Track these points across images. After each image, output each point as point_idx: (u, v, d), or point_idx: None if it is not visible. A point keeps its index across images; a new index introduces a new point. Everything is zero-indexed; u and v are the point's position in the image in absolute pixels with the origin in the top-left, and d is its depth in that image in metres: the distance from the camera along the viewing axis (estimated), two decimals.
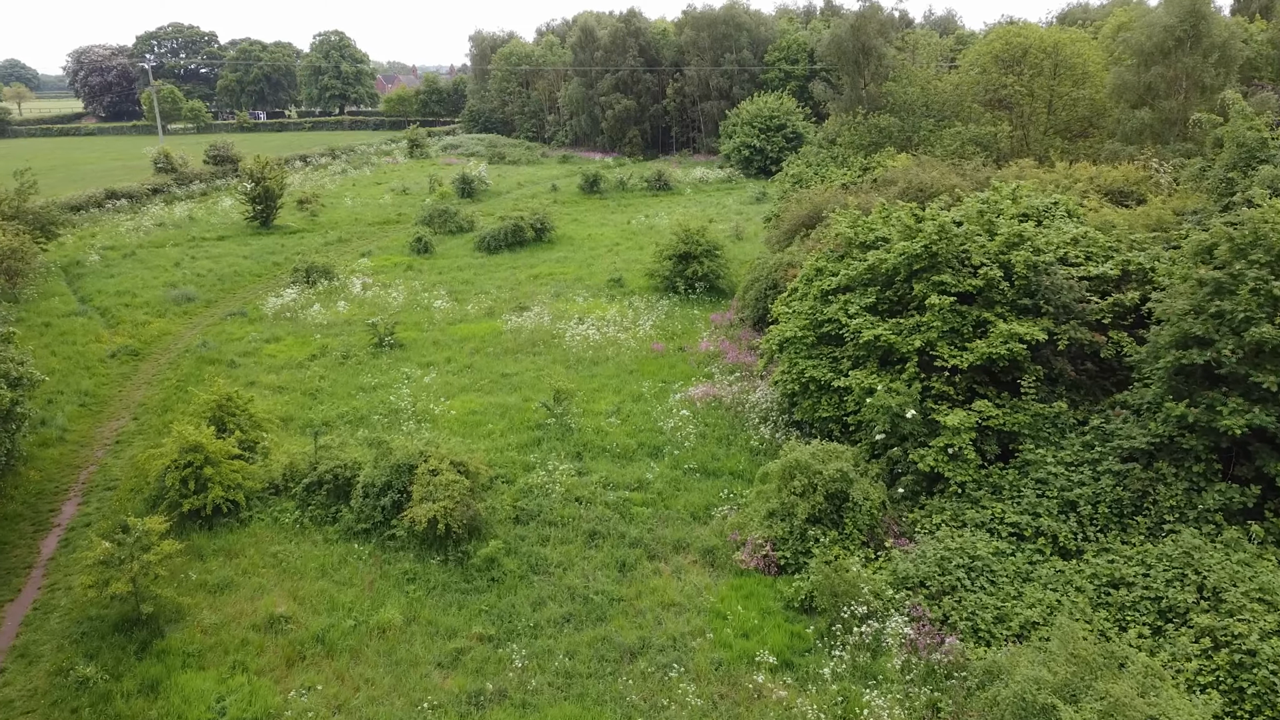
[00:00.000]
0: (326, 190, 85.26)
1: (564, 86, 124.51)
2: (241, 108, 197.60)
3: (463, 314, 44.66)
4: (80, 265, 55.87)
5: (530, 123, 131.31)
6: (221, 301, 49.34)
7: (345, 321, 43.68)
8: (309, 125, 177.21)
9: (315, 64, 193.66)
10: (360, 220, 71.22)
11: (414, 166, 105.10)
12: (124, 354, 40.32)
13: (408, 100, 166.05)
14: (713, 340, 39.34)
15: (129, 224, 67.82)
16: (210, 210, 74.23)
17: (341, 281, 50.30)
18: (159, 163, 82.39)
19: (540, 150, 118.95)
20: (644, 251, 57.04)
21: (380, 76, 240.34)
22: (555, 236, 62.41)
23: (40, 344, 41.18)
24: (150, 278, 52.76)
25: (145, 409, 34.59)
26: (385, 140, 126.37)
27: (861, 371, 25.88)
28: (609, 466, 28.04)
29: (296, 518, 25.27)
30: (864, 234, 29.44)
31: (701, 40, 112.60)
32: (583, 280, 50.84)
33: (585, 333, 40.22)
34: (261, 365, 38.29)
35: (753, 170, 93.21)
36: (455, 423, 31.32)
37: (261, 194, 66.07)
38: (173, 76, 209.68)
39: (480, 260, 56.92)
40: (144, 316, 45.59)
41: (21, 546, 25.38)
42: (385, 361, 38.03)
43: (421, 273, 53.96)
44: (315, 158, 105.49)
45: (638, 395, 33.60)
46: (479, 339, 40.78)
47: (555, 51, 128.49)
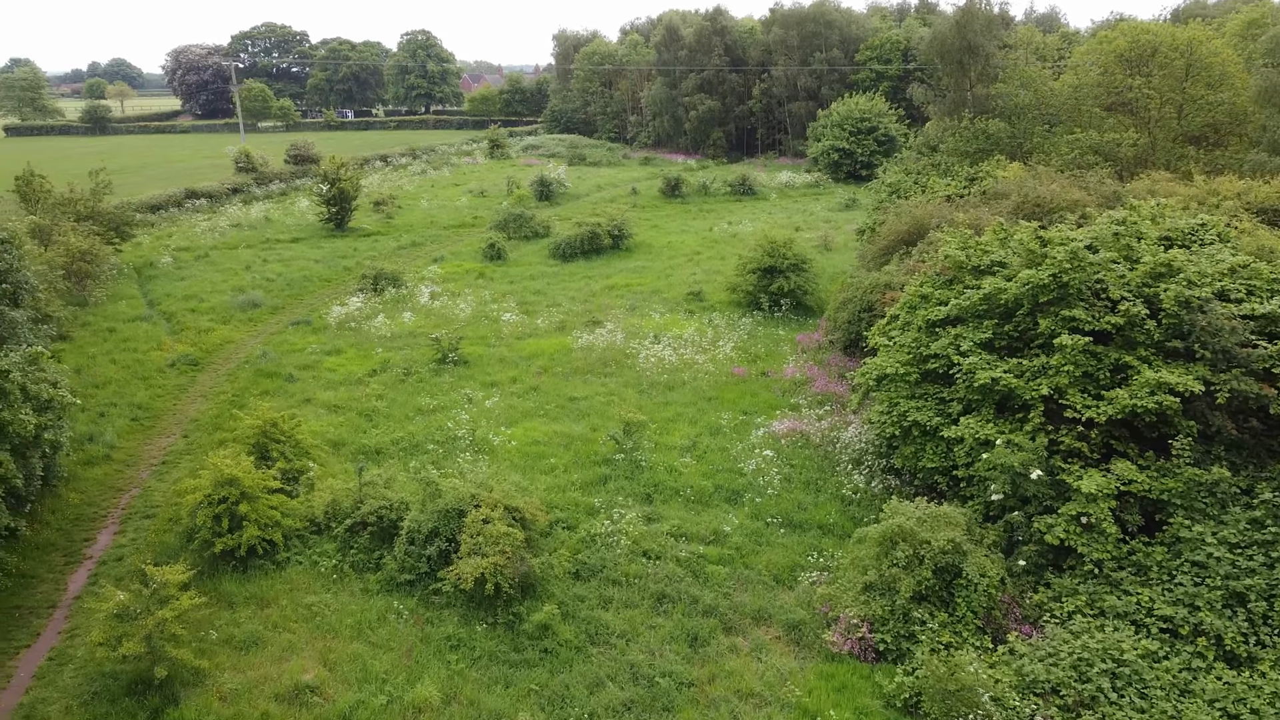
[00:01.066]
0: (404, 191, 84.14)
1: (647, 86, 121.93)
2: (330, 106, 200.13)
3: (532, 328, 42.20)
4: (153, 267, 55.24)
5: (612, 123, 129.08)
6: (288, 308, 47.87)
7: (409, 334, 41.62)
8: (394, 124, 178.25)
9: (402, 63, 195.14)
10: (435, 223, 69.61)
11: (493, 167, 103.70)
12: (183, 363, 38.90)
13: (491, 100, 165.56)
14: (799, 365, 36.06)
15: (205, 224, 67.40)
16: (287, 211, 73.56)
17: (409, 289, 48.38)
18: (239, 162, 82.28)
19: (621, 151, 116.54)
20: (725, 262, 53.93)
21: (466, 75, 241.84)
22: (633, 244, 59.71)
23: (101, 350, 40.10)
24: (219, 281, 51.70)
25: (197, 426, 32.89)
26: (466, 140, 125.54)
27: (975, 419, 22.44)
28: (682, 513, 25.10)
29: (336, 563, 22.94)
30: (977, 257, 25.93)
31: (789, 39, 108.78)
32: (660, 293, 47.98)
33: (660, 353, 37.35)
34: (319, 380, 36.37)
35: (841, 175, 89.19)
36: (515, 454, 28.75)
37: (336, 196, 64.88)
38: (265, 75, 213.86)
39: (554, 269, 54.51)
40: (208, 323, 44.29)
41: (49, 581, 23.61)
42: (447, 380, 35.74)
43: (492, 281, 51.78)
44: (395, 158, 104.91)
45: (715, 428, 30.58)
46: (547, 357, 38.25)
47: (639, 51, 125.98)
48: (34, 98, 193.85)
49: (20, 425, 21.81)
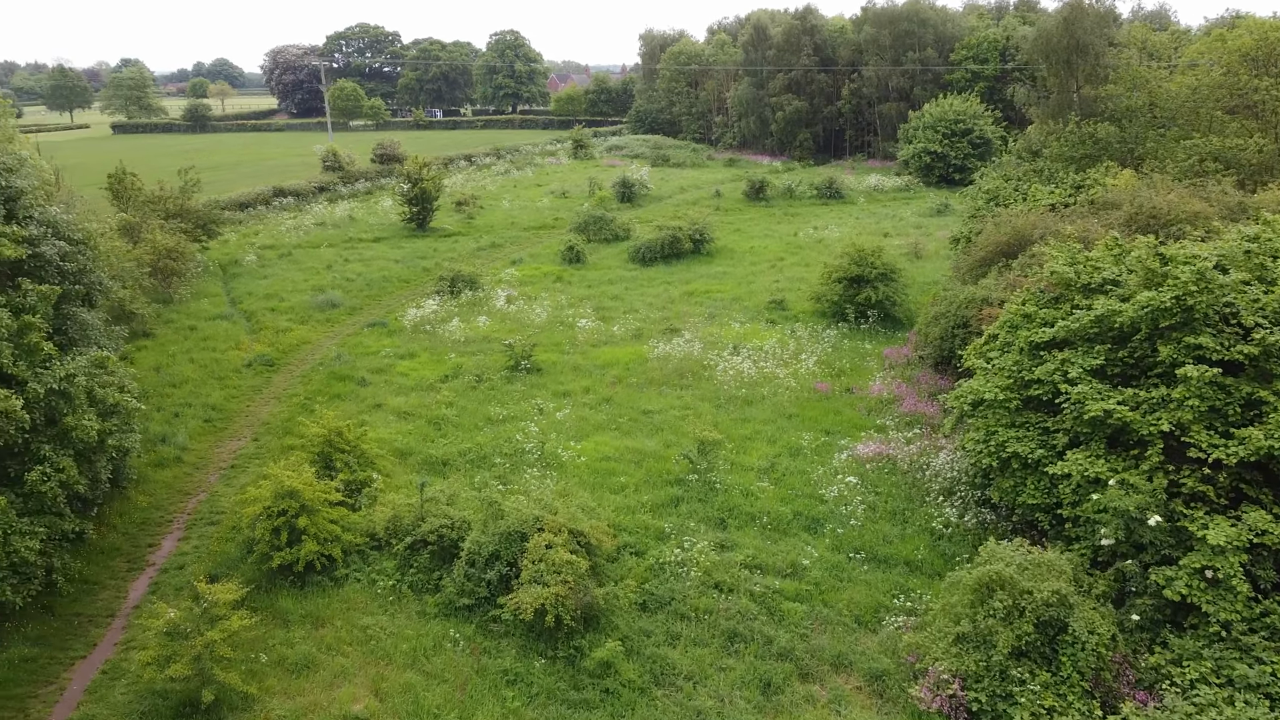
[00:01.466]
0: (486, 191, 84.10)
1: (733, 87, 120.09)
2: (419, 106, 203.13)
3: (607, 335, 41.06)
4: (238, 265, 55.85)
5: (697, 124, 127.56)
6: (365, 309, 47.69)
7: (484, 338, 40.88)
8: (480, 124, 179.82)
9: (490, 63, 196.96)
10: (515, 224, 69.16)
11: (576, 168, 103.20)
12: (259, 364, 38.84)
13: (576, 100, 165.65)
14: (886, 382, 34.12)
15: (291, 222, 68.18)
16: (371, 210, 74.04)
17: (486, 292, 47.73)
18: (327, 161, 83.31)
19: (705, 153, 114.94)
20: (810, 269, 52.04)
21: (554, 75, 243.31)
22: (714, 248, 58.18)
23: (181, 349, 40.36)
24: (301, 280, 51.91)
25: (268, 429, 32.60)
26: (550, 140, 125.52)
27: (1082, 453, 20.41)
28: (757, 541, 23.58)
29: (394, 583, 22.06)
30: (1088, 274, 23.79)
31: (881, 38, 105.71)
32: (740, 301, 46.37)
33: (739, 365, 35.80)
34: (391, 385, 35.82)
35: (933, 179, 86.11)
36: (584, 470, 27.58)
37: (418, 195, 64.88)
38: (358, 75, 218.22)
39: (632, 273, 53.33)
40: (286, 323, 44.33)
41: (110, 588, 23.31)
42: (519, 388, 34.81)
43: (570, 285, 50.85)
44: (480, 157, 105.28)
45: (795, 449, 28.92)
46: (622, 366, 37.05)
47: (726, 50, 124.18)
48: (140, 96, 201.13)
49: (83, 431, 21.46)
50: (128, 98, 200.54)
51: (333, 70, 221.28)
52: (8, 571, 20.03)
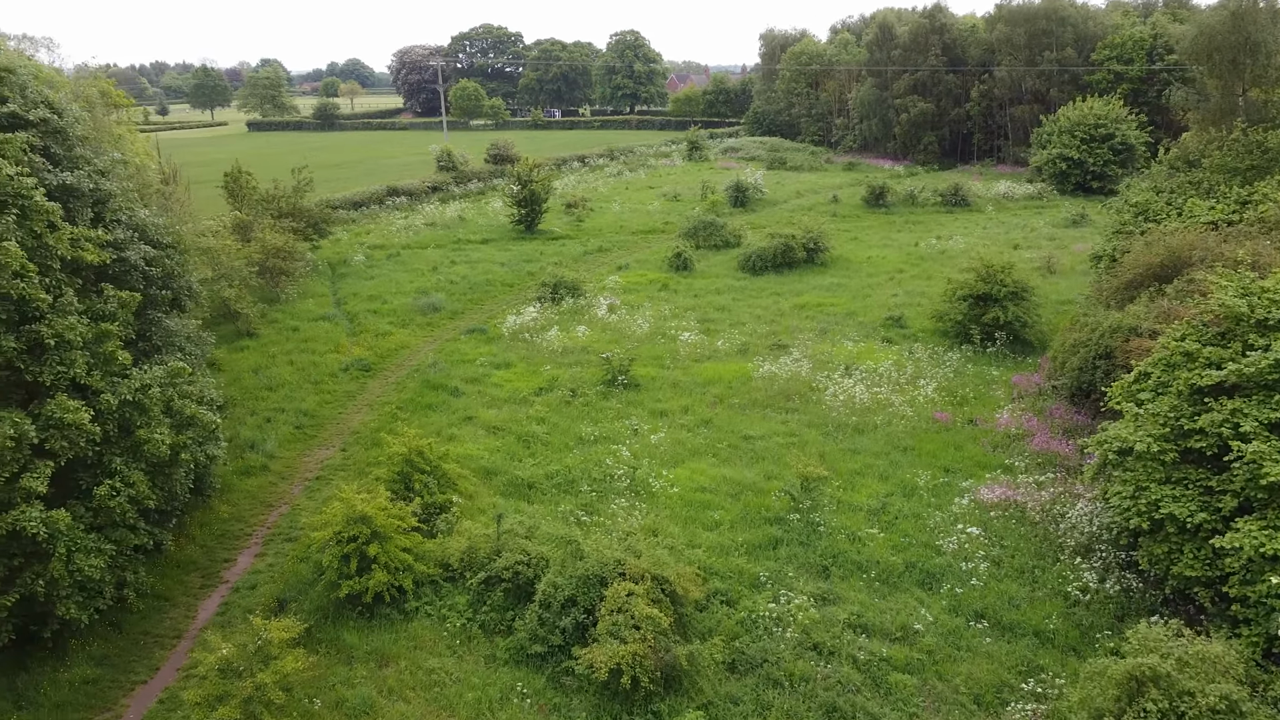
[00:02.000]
0: (597, 193, 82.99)
1: (855, 88, 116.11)
2: (538, 105, 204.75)
3: (711, 350, 38.96)
4: (346, 264, 56.00)
5: (816, 126, 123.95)
6: (466, 313, 46.87)
7: (582, 349, 39.35)
8: (598, 124, 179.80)
9: (610, 63, 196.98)
10: (624, 228, 67.68)
11: (689, 170, 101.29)
12: (356, 369, 38.26)
13: (694, 100, 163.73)
14: (1014, 414, 30.98)
15: (402, 222, 68.41)
16: (481, 211, 73.81)
17: (588, 300, 46.25)
18: (441, 161, 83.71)
19: (824, 155, 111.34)
20: (932, 283, 48.75)
21: (673, 76, 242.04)
22: (829, 258, 55.33)
23: (282, 350, 40.18)
24: (405, 281, 51.57)
25: (356, 439, 31.76)
26: (666, 141, 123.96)
27: (1257, 524, 17.33)
28: (863, 596, 21.15)
29: (465, 621, 20.55)
30: (1264, 309, 20.48)
31: (1016, 37, 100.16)
32: (855, 316, 43.57)
33: (851, 389, 33.20)
34: (484, 397, 34.59)
35: (1069, 186, 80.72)
36: (677, 502, 25.61)
37: (527, 198, 64.10)
38: (480, 75, 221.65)
39: (741, 282, 51.04)
40: (387, 326, 43.82)
41: (182, 605, 22.58)
42: (614, 405, 33.08)
43: (675, 294, 48.93)
44: (593, 158, 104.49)
45: (910, 488, 26.27)
46: (724, 384, 34.91)
47: (849, 50, 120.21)
48: (274, 95, 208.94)
49: (154, 445, 20.67)
50: (263, 96, 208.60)
51: (456, 70, 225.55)
52: (73, 589, 19.36)
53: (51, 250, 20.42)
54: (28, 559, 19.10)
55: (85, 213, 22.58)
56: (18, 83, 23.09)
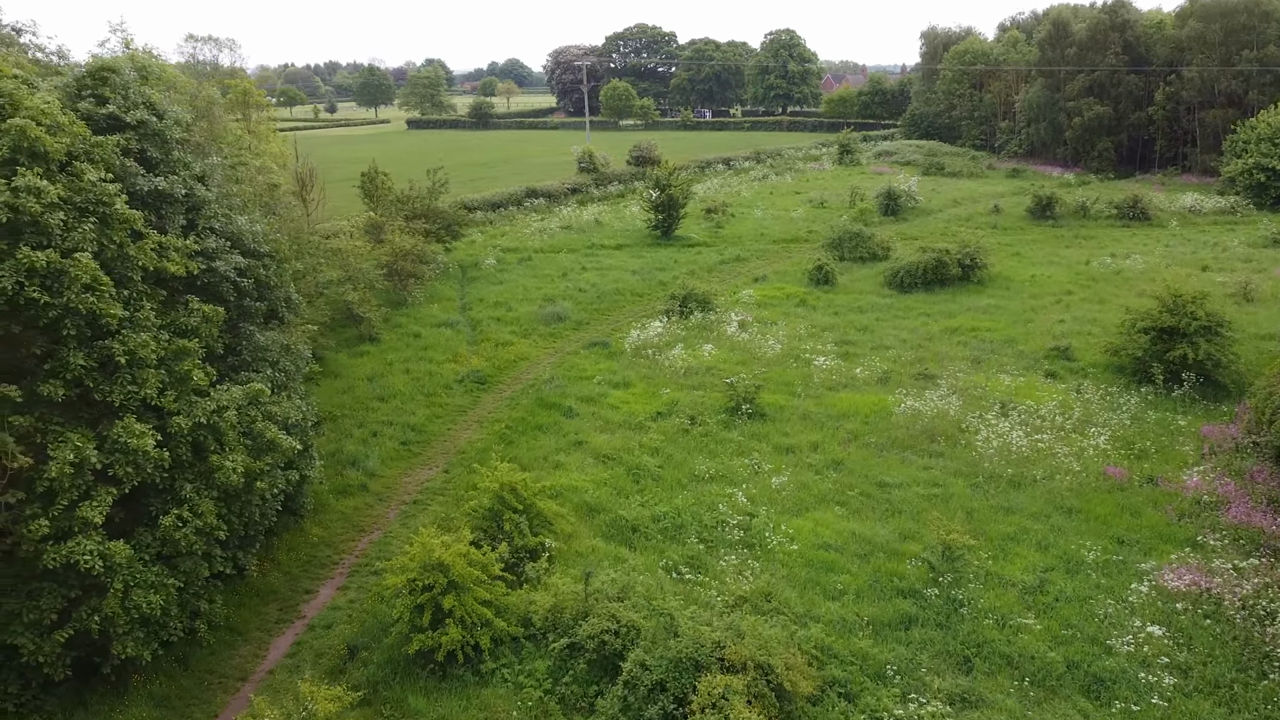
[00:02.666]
0: (739, 198, 79.87)
1: (1023, 89, 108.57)
2: (689, 106, 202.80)
3: (848, 378, 35.48)
4: (477, 267, 55.08)
5: (978, 129, 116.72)
6: (591, 324, 44.86)
7: (707, 370, 36.60)
8: (748, 125, 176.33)
9: (763, 63, 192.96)
10: (764, 236, 64.41)
11: (839, 175, 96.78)
12: (470, 381, 36.78)
13: (849, 101, 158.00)
14: (1206, 476, 26.32)
15: (538, 225, 67.31)
16: (618, 214, 72.02)
17: (718, 315, 43.40)
18: (582, 162, 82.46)
19: (985, 161, 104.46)
20: (1105, 308, 43.58)
21: (829, 75, 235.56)
22: (987, 275, 50.55)
23: (399, 358, 39.15)
24: (533, 288, 50.10)
25: (461, 459, 30.05)
26: (816, 144, 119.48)
27: None
28: (1013, 702, 17.59)
29: (543, 693, 18.19)
30: None
31: (1210, 34, 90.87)
32: (1014, 344, 39.10)
33: (1007, 433, 29.19)
34: (598, 419, 32.34)
35: (1267, 200, 72.23)
36: (796, 561, 22.54)
37: (664, 202, 61.76)
38: (632, 75, 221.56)
39: (887, 300, 47.06)
40: (509, 335, 42.29)
41: (254, 641, 21.18)
42: (736, 437, 30.18)
43: (814, 310, 45.49)
44: (739, 161, 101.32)
45: (1074, 562, 22.33)
46: (861, 418, 31.45)
47: (1018, 49, 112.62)
48: (433, 94, 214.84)
49: (225, 474, 19.23)
50: (422, 95, 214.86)
51: (609, 70, 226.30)
52: (132, 625, 18.08)
53: (133, 261, 19.27)
54: (86, 591, 17.94)
55: (177, 220, 21.47)
56: (121, 83, 22.21)
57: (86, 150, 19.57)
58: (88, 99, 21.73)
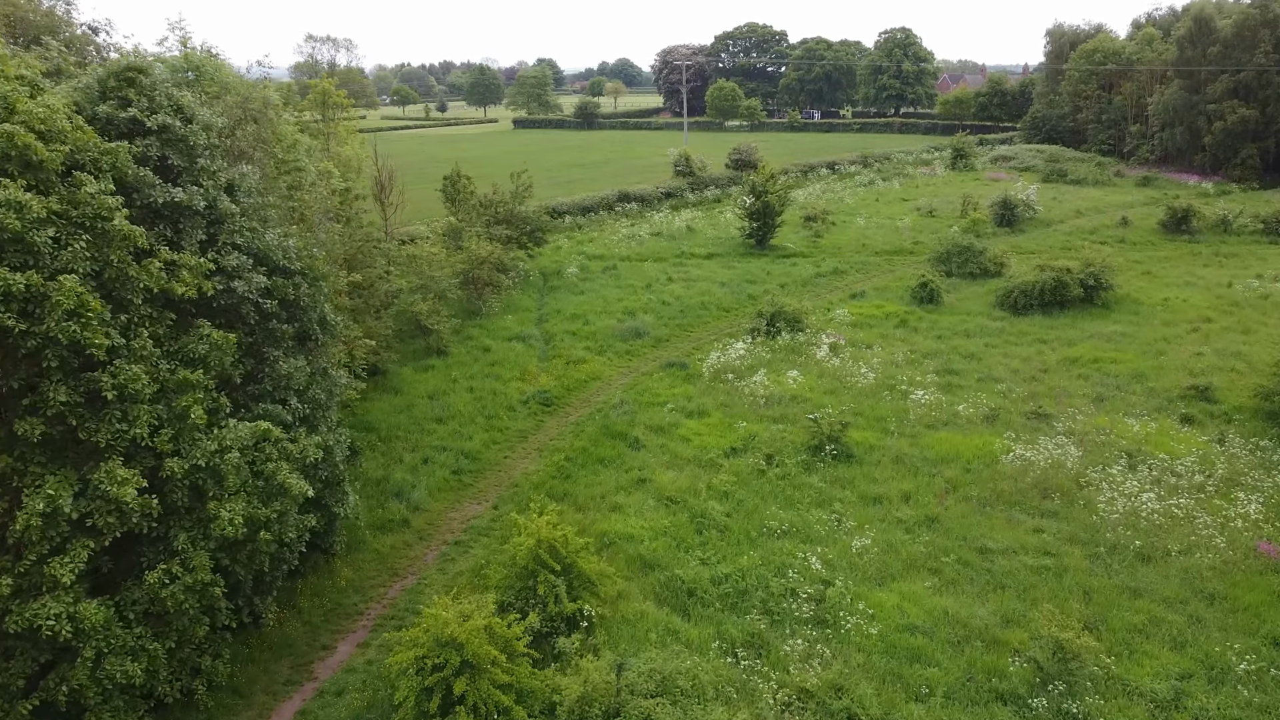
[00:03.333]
0: (842, 205, 75.80)
1: (1158, 90, 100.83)
2: (797, 107, 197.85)
3: (949, 414, 31.70)
4: (559, 276, 52.88)
5: (1105, 134, 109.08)
6: (671, 341, 42.04)
7: (791, 399, 33.36)
8: (858, 127, 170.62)
9: (876, 62, 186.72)
10: (866, 247, 60.40)
11: (951, 180, 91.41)
12: (536, 402, 34.41)
13: (965, 103, 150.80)
14: None
15: (627, 231, 64.81)
16: (712, 221, 68.95)
17: (808, 336, 39.99)
18: (678, 165, 79.61)
19: (1113, 168, 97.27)
20: (1252, 340, 38.52)
21: (946, 76, 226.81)
22: (1113, 297, 45.64)
23: (465, 374, 37.07)
24: (614, 299, 47.57)
25: (514, 494, 27.62)
26: (928, 148, 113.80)
27: None
28: None
29: None
30: None
31: None
32: (1144, 380, 34.58)
33: (1135, 492, 25.12)
34: (666, 453, 29.49)
35: None
36: (875, 645, 19.23)
37: (760, 210, 58.47)
38: (741, 74, 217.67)
39: (998, 323, 42.76)
40: (583, 351, 39.81)
41: (256, 707, 19.04)
42: (817, 482, 26.89)
43: (915, 333, 41.63)
44: (844, 165, 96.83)
45: (1219, 668, 18.39)
46: (961, 464, 27.76)
47: (1153, 47, 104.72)
48: (540, 94, 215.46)
49: (221, 525, 17.13)
50: (529, 95, 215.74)
51: (717, 70, 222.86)
52: (105, 695, 16.11)
53: (134, 282, 17.34)
54: (57, 655, 16.06)
55: (195, 235, 19.53)
56: (149, 84, 20.42)
57: (94, 159, 17.76)
58: (111, 101, 20.01)
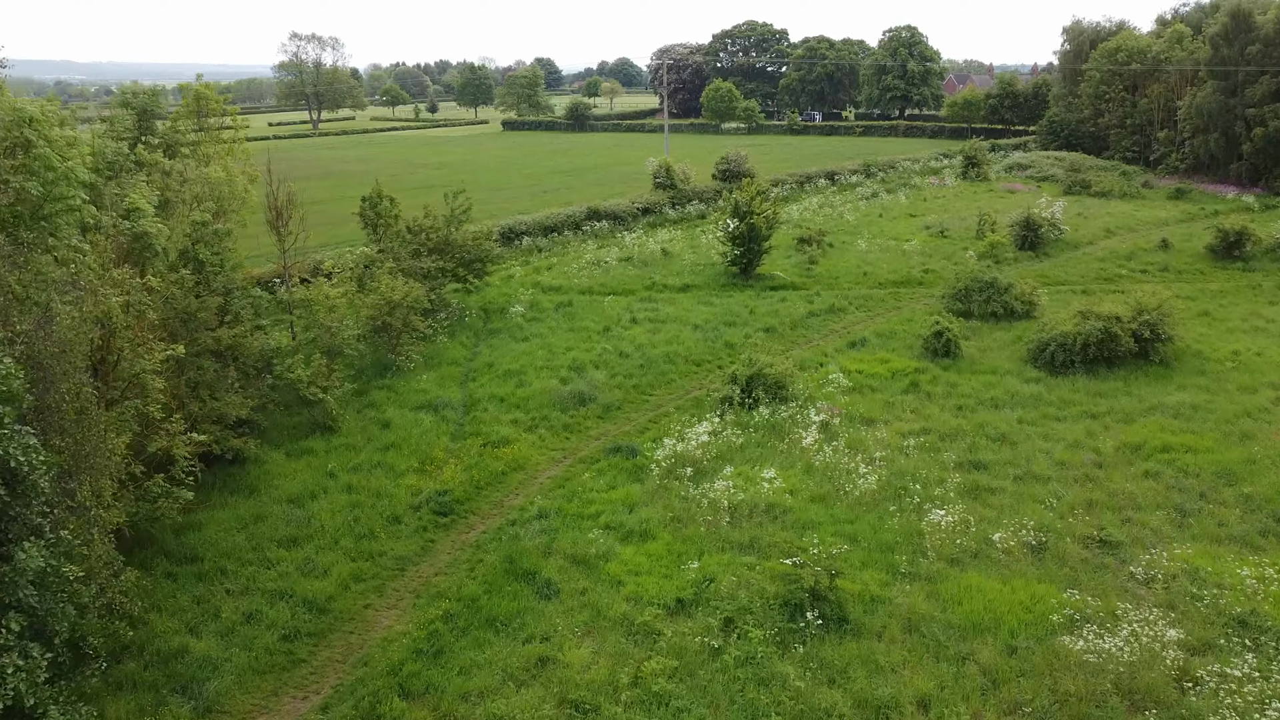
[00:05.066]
0: (841, 223, 67.10)
1: (1190, 93, 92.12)
2: (796, 109, 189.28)
3: (980, 542, 23.20)
4: (503, 315, 44.33)
5: (1130, 140, 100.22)
6: (625, 409, 33.60)
7: (766, 510, 24.91)
8: (860, 130, 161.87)
9: (880, 62, 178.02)
10: (869, 276, 51.82)
11: (963, 192, 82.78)
12: (430, 510, 26.02)
13: (974, 105, 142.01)
14: None
15: (592, 255, 56.22)
16: (692, 242, 60.34)
17: (793, 409, 31.45)
18: (658, 177, 70.82)
19: (1141, 178, 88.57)
20: None
21: (951, 76, 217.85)
22: (1171, 351, 37.06)
23: (347, 465, 28.65)
24: (561, 348, 39.19)
25: (359, 681, 19.09)
26: (936, 154, 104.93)
27: None
28: None
29: None
30: None
31: None
32: (1235, 481, 26.05)
33: (1264, 697, 16.60)
34: (586, 610, 21.01)
35: None
36: None
37: (744, 234, 49.95)
38: (739, 74, 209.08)
39: (1033, 387, 34.23)
40: (508, 427, 31.36)
41: None
42: (794, 672, 18.36)
43: (929, 400, 33.14)
44: (845, 174, 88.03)
45: None
46: (1004, 639, 19.25)
47: (1184, 46, 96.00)
48: (530, 95, 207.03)
49: None
50: (519, 95, 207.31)
51: (715, 70, 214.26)
52: None
53: None
54: None
55: None
56: None
57: None
58: None
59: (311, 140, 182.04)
